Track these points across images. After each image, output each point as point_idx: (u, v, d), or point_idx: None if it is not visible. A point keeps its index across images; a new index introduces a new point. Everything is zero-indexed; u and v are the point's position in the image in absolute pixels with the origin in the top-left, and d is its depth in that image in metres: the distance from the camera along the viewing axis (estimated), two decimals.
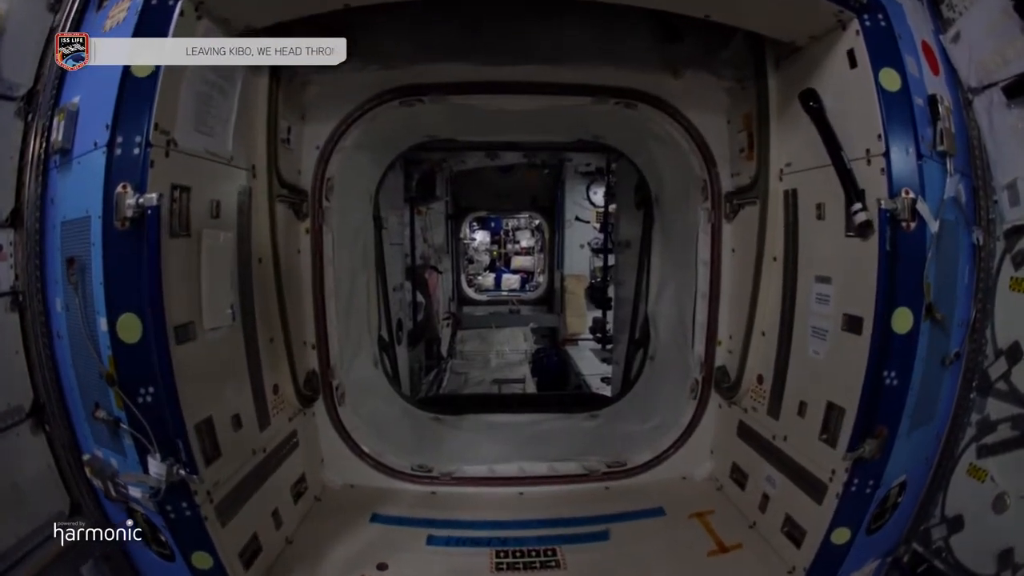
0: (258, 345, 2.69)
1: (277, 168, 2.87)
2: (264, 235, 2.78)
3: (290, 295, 3.05)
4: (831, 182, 2.37)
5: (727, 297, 3.39)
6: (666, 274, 4.03)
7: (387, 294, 4.56)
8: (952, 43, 2.36)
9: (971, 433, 2.42)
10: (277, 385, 2.92)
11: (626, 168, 4.97)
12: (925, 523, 2.51)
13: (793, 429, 2.66)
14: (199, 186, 2.22)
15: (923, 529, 2.51)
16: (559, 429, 4.11)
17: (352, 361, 3.71)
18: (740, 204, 3.26)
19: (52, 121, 2.17)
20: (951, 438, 2.45)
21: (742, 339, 3.10)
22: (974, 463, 2.39)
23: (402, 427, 4.00)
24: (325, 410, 3.46)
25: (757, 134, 2.96)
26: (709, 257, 3.37)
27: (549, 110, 3.35)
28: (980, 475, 2.35)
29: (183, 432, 2.03)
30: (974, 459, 2.39)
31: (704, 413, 3.54)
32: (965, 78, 2.35)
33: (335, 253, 3.32)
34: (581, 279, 9.65)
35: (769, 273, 2.90)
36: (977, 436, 2.40)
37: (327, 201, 3.23)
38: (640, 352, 4.47)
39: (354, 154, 3.38)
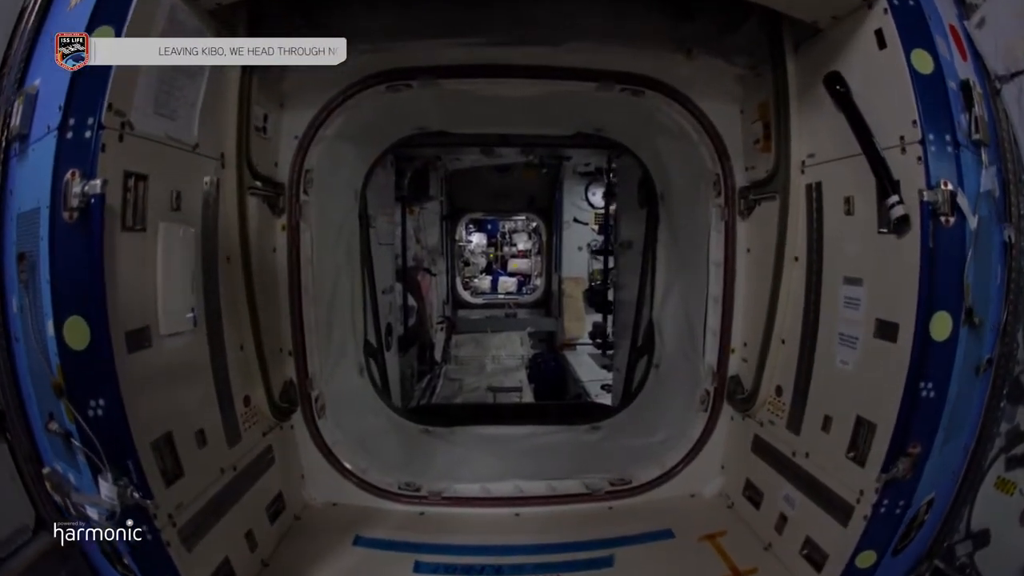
0: (226, 353, 2.48)
1: (249, 158, 2.63)
2: (233, 231, 2.55)
3: (264, 298, 2.81)
4: (860, 173, 2.18)
5: (741, 301, 3.16)
6: (673, 276, 3.79)
7: (375, 297, 4.29)
8: (977, 28, 2.21)
9: (1000, 444, 2.26)
10: (248, 397, 2.69)
11: (628, 165, 4.73)
12: (949, 539, 2.35)
13: (816, 445, 2.48)
14: (158, 174, 2.02)
15: (947, 546, 2.35)
16: (558, 443, 3.85)
17: (334, 369, 3.44)
18: (756, 200, 3.04)
19: (13, 106, 1.97)
20: (979, 450, 2.27)
21: (759, 347, 2.90)
22: (1002, 476, 2.25)
23: (389, 440, 3.73)
24: (304, 423, 3.19)
25: (775, 123, 2.75)
26: (722, 258, 3.13)
27: (549, 98, 3.10)
28: (1008, 488, 2.23)
29: (133, 450, 1.85)
30: (1003, 471, 2.25)
31: (715, 426, 3.32)
32: (992, 65, 2.19)
33: (315, 252, 3.05)
34: (579, 282, 9.45)
35: (790, 275, 2.69)
36: (1006, 447, 2.25)
37: (305, 195, 2.96)
38: (643, 359, 4.24)
39: (336, 145, 3.12)
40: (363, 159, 3.76)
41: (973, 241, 1.95)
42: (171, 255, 2.11)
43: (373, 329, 4.33)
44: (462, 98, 3.17)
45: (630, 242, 4.80)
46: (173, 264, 2.13)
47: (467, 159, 8.04)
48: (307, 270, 3.00)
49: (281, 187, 2.93)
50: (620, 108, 3.28)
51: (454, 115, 3.67)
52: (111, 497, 1.83)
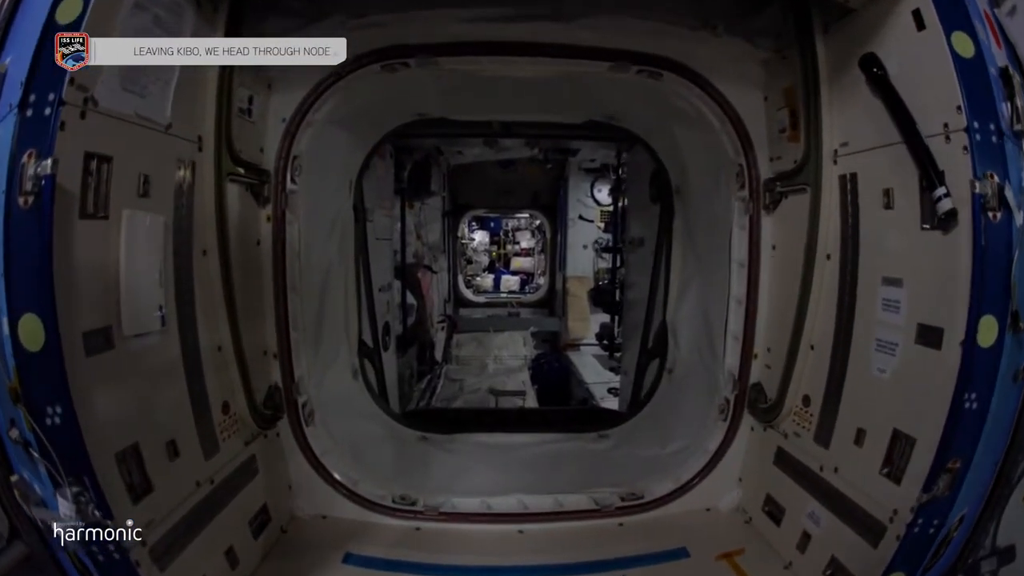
0: (200, 356, 2.28)
1: (230, 140, 2.41)
2: (210, 221, 2.33)
3: (246, 295, 2.59)
4: (901, 163, 2.02)
5: (766, 303, 2.93)
6: (689, 275, 3.54)
7: (371, 295, 4.06)
8: (1008, 17, 2.08)
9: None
10: (227, 403, 2.49)
11: (640, 158, 4.49)
12: (974, 555, 2.20)
13: (846, 460, 2.33)
14: (123, 156, 1.84)
15: (971, 562, 2.21)
16: (564, 452, 3.61)
17: (325, 373, 3.21)
18: (783, 192, 2.80)
19: None
20: (1007, 462, 2.10)
21: (785, 353, 2.69)
22: None
23: (384, 448, 3.50)
24: (291, 431, 2.97)
25: (804, 110, 2.55)
26: (746, 256, 2.89)
27: (558, 80, 2.86)
28: None
29: (89, 464, 1.68)
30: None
31: (735, 437, 3.10)
32: None
33: (303, 245, 2.82)
34: (584, 281, 9.24)
35: (822, 274, 2.49)
36: None
37: (293, 184, 2.72)
38: (655, 363, 4.01)
39: (328, 131, 2.88)
40: (358, 147, 3.52)
41: (1021, 238, 1.79)
42: (136, 246, 1.92)
43: (369, 329, 4.11)
44: (464, 80, 2.92)
45: (641, 239, 4.56)
46: (139, 256, 1.94)
47: (470, 153, 7.82)
48: (294, 265, 2.77)
49: (266, 175, 2.69)
50: (635, 93, 3.03)
51: (455, 100, 3.41)
52: (69, 514, 1.65)
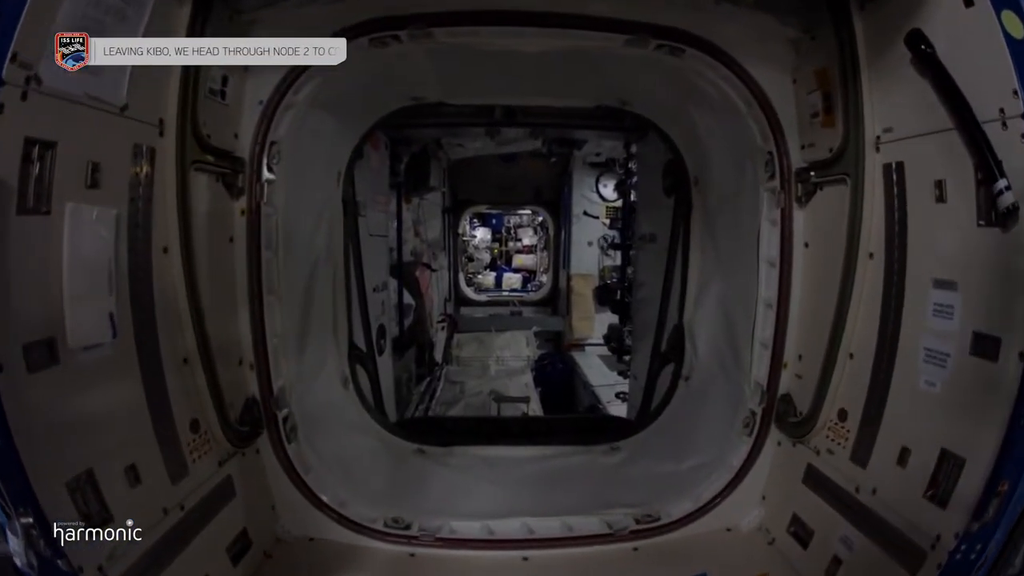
0: (162, 369, 2.05)
1: (196, 124, 2.14)
2: (172, 214, 2.06)
3: (216, 299, 2.32)
4: (954, 152, 1.83)
5: (797, 306, 2.66)
6: (709, 275, 3.25)
7: (364, 295, 3.77)
8: None
9: None
10: (196, 421, 2.24)
11: (651, 148, 4.19)
12: (1003, 574, 2.04)
13: (886, 481, 2.14)
14: (70, 142, 1.64)
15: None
16: (572, 467, 3.33)
17: (310, 382, 2.94)
18: (817, 184, 2.53)
19: None
20: None
21: (820, 362, 2.44)
22: None
23: (376, 464, 3.23)
24: (271, 448, 2.69)
25: (842, 92, 2.30)
26: (777, 254, 2.61)
27: (567, 57, 2.57)
28: None
29: (32, 494, 1.50)
30: None
31: (760, 454, 2.84)
32: None
33: (282, 242, 2.53)
34: (589, 279, 8.96)
35: (863, 275, 2.27)
36: None
37: (270, 173, 2.43)
38: (669, 369, 3.73)
39: (312, 115, 2.60)
40: (347, 135, 3.22)
41: None
42: (81, 244, 1.69)
43: (362, 332, 3.83)
44: (463, 57, 2.62)
45: (652, 235, 4.27)
46: (83, 256, 1.71)
47: (470, 147, 7.53)
48: (272, 264, 2.48)
49: (240, 163, 2.41)
50: (652, 73, 2.74)
51: (453, 82, 3.10)
52: (17, 550, 1.50)
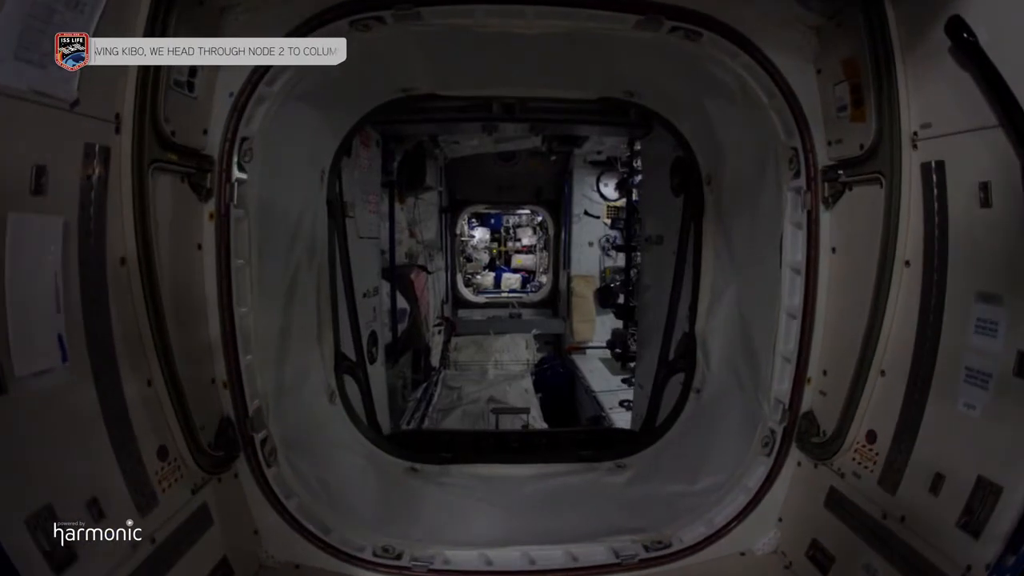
0: (123, 393, 1.86)
1: (157, 119, 1.91)
2: (128, 222, 1.85)
3: (183, 313, 2.10)
4: (1000, 151, 1.68)
5: (822, 317, 2.45)
6: (724, 281, 3.03)
7: (353, 301, 3.54)
8: None
9: None
10: (165, 447, 2.06)
11: (658, 145, 3.96)
12: None
13: (916, 508, 2.02)
14: (10, 144, 1.49)
15: None
16: (576, 487, 3.11)
17: (292, 399, 2.71)
18: (846, 183, 2.32)
19: None
20: None
21: (848, 378, 2.26)
22: None
23: (365, 485, 3.00)
24: (250, 472, 2.47)
25: (875, 83, 2.11)
26: (803, 260, 2.39)
27: (571, 42, 2.33)
28: None
29: None
30: None
31: (779, 475, 2.64)
32: None
33: (256, 248, 2.30)
34: (590, 280, 8.75)
35: (898, 285, 2.09)
36: None
37: (241, 172, 2.20)
38: (677, 378, 3.53)
39: (289, 107, 2.36)
40: (331, 129, 2.99)
41: None
42: (24, 259, 1.50)
43: (352, 340, 3.60)
44: (455, 42, 2.39)
45: (659, 237, 4.04)
46: (28, 272, 1.52)
47: (467, 144, 7.30)
48: (244, 273, 2.25)
49: (209, 161, 2.17)
50: (664, 60, 2.52)
51: (446, 70, 2.84)
52: None
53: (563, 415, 7.12)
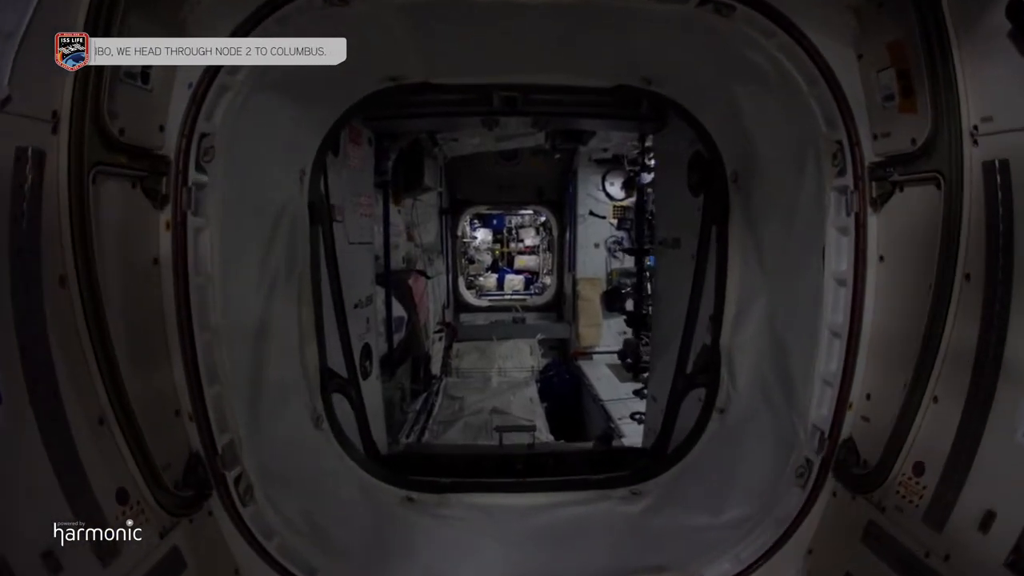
0: (71, 434, 1.63)
1: (100, 116, 1.65)
2: (67, 236, 1.61)
3: (136, 339, 1.84)
4: None
5: (868, 335, 2.17)
6: (753, 290, 2.73)
7: (343, 313, 3.25)
8: None
9: None
10: (124, 490, 1.82)
11: (674, 139, 3.66)
12: None
13: (963, 546, 1.84)
14: None
15: None
16: (589, 519, 2.81)
17: (272, 426, 2.43)
18: (897, 183, 2.03)
19: None
20: None
21: (897, 404, 2.01)
22: None
23: (355, 518, 2.72)
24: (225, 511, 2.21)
25: (928, 71, 1.85)
26: (849, 270, 2.11)
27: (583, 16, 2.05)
28: None
29: None
30: None
31: (813, 506, 2.37)
32: None
33: (221, 260, 2.02)
34: (596, 283, 8.43)
35: (957, 300, 1.85)
36: None
37: (201, 173, 1.91)
38: (697, 394, 3.23)
39: (257, 98, 2.07)
40: (311, 124, 2.68)
41: None
42: None
43: (343, 356, 3.32)
44: (448, 20, 2.10)
45: (676, 240, 3.74)
46: None
47: (468, 143, 7.00)
48: (206, 292, 1.96)
49: (165, 163, 1.89)
50: (689, 40, 2.22)
51: (439, 54, 2.50)
52: None
53: (570, 424, 6.82)
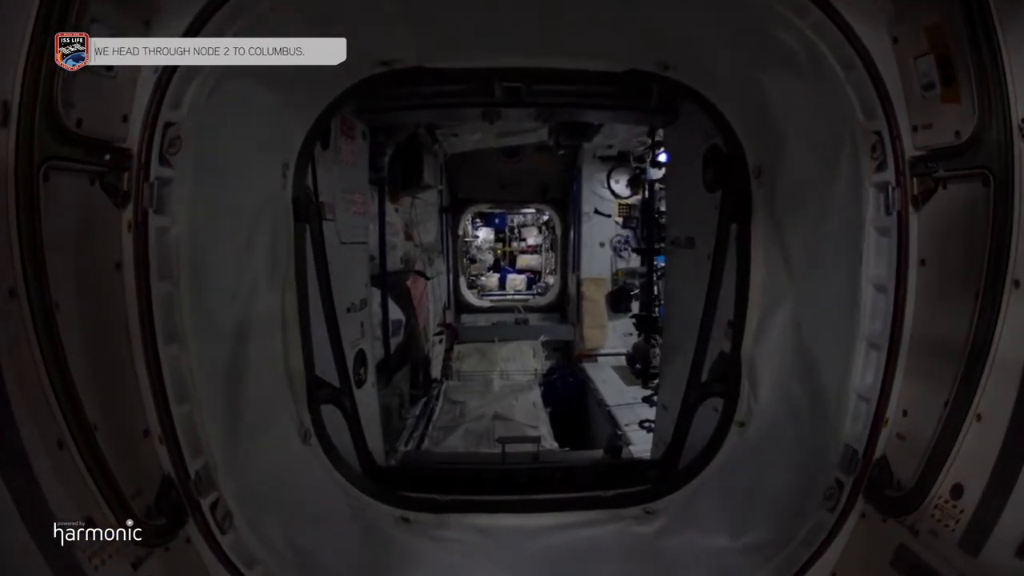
0: (28, 460, 1.48)
1: (52, 105, 1.47)
2: (14, 241, 1.44)
3: (98, 355, 1.65)
4: None
5: (906, 346, 1.98)
6: (778, 294, 2.51)
7: (334, 319, 3.04)
8: None
9: None
10: (91, 519, 1.66)
11: (687, 132, 3.44)
12: None
13: (999, 571, 1.72)
14: None
15: None
16: (599, 542, 2.60)
17: (254, 444, 2.22)
18: (941, 179, 1.84)
19: None
20: None
21: (936, 421, 1.85)
22: None
23: (346, 543, 2.52)
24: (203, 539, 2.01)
25: (972, 57, 1.68)
26: (891, 275, 1.91)
27: None
28: None
29: None
30: None
31: (842, 529, 2.20)
32: None
33: (188, 266, 1.81)
34: (601, 283, 8.21)
35: (1008, 310, 1.70)
36: None
37: (166, 166, 1.71)
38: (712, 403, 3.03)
39: (231, 84, 1.87)
40: (295, 115, 2.46)
41: None
42: None
43: (335, 365, 3.11)
44: None
45: (690, 239, 3.52)
46: None
47: (468, 138, 6.78)
48: (172, 300, 1.75)
49: (127, 156, 1.69)
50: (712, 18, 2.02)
51: (433, 33, 2.28)
52: None
53: (575, 429, 6.60)
